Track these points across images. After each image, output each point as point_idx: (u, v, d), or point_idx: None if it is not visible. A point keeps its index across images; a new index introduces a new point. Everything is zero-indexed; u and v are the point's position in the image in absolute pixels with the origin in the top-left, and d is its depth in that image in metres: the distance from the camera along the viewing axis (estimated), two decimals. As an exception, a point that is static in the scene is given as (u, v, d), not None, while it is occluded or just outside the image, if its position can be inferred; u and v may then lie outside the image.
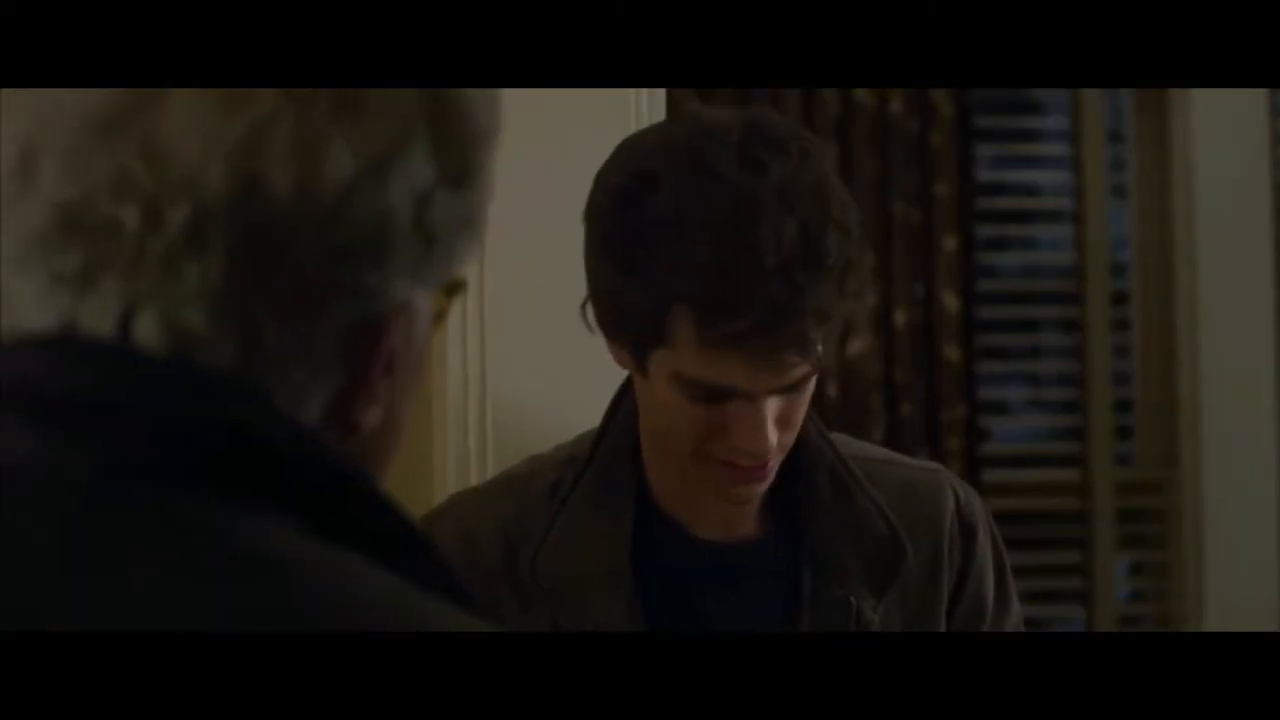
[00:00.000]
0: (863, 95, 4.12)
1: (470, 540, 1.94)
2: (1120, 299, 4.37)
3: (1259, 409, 4.24)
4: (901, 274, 4.18)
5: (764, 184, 1.75)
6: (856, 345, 4.14)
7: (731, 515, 1.94)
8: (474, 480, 2.36)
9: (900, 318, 4.18)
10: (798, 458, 1.94)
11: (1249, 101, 4.21)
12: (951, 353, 4.21)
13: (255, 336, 0.96)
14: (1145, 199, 4.36)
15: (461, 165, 1.02)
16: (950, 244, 4.21)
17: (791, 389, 1.82)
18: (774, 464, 1.86)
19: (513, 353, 2.36)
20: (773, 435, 1.82)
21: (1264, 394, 4.24)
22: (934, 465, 2.09)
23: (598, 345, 2.23)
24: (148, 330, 0.96)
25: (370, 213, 0.97)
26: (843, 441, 2.00)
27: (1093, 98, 4.31)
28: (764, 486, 1.88)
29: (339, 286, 0.97)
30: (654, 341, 1.81)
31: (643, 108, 2.31)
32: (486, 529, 1.95)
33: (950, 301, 4.20)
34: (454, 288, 1.06)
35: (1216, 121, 4.24)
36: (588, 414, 2.06)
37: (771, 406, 1.81)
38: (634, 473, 1.95)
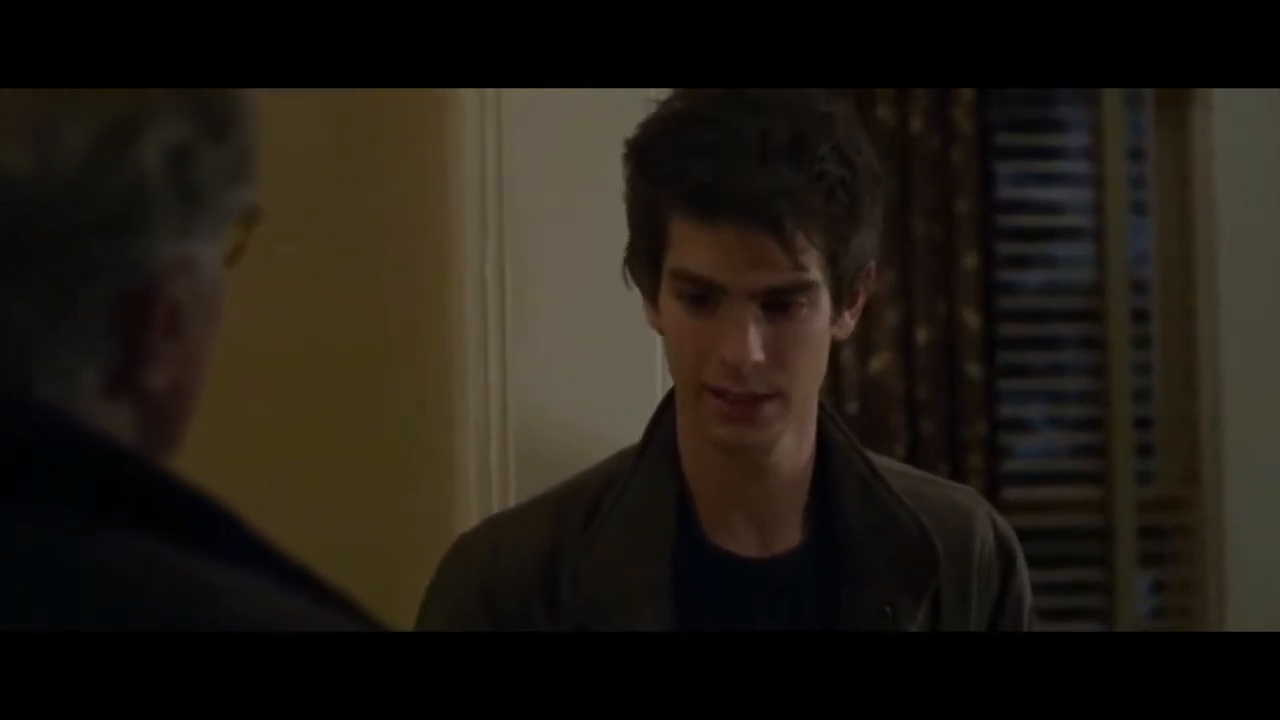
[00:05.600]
0: (883, 112, 4.13)
1: (504, 559, 1.93)
2: (1141, 316, 4.37)
3: (1280, 426, 4.24)
4: (922, 291, 4.18)
5: (775, 100, 1.84)
6: (877, 362, 4.14)
7: (770, 524, 1.94)
8: (495, 489, 2.36)
9: (921, 335, 4.18)
10: (829, 468, 1.96)
11: (1271, 117, 4.21)
12: (972, 370, 4.21)
13: (10, 324, 0.94)
14: (1166, 216, 4.36)
15: (220, 116, 0.99)
16: (971, 261, 4.21)
17: (779, 305, 1.84)
18: (768, 411, 1.86)
19: (535, 359, 2.37)
20: (755, 346, 1.82)
21: (1285, 411, 4.24)
22: (968, 488, 2.10)
23: (620, 350, 2.23)
24: None
25: (119, 179, 0.95)
26: (879, 461, 2.00)
27: (1113, 115, 4.31)
28: (758, 435, 1.87)
29: (97, 259, 0.95)
30: (658, 249, 1.86)
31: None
32: (522, 548, 1.93)
33: (971, 319, 4.20)
34: (250, 220, 1.03)
35: (1238, 137, 4.24)
36: (610, 420, 2.07)
37: (754, 314, 1.83)
38: (675, 489, 1.94)
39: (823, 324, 1.87)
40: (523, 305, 2.36)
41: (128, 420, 0.98)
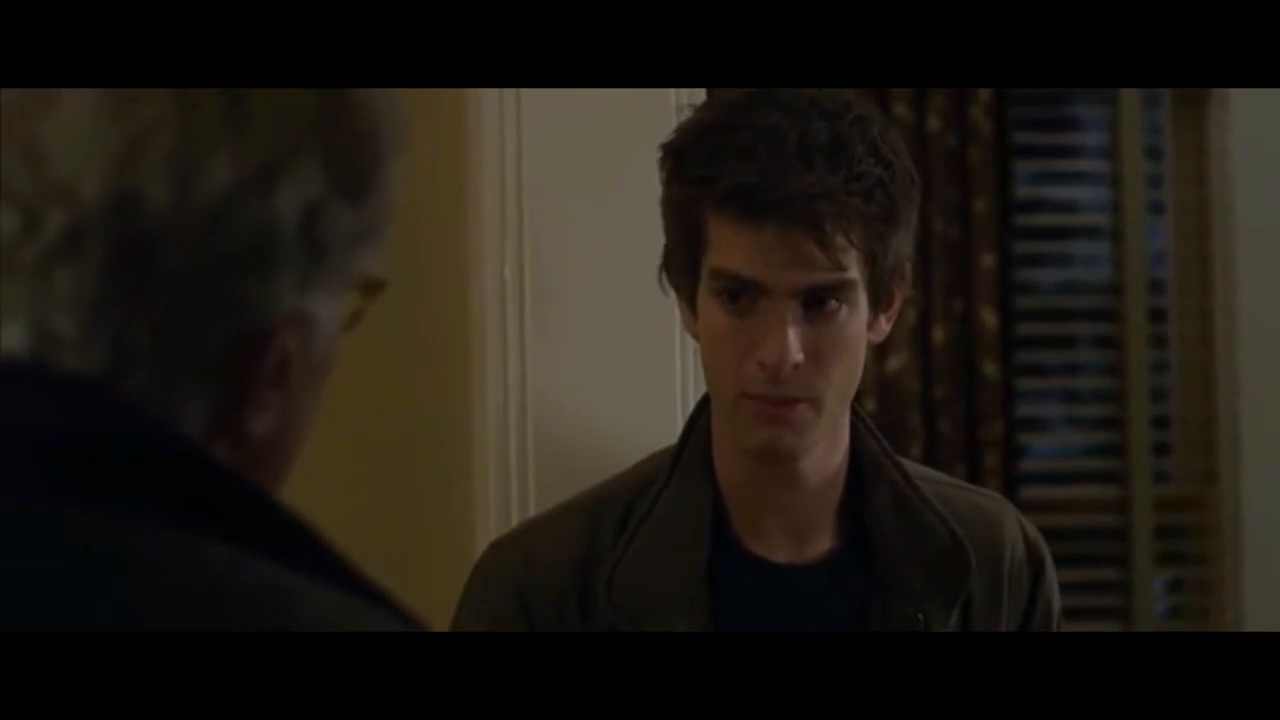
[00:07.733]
0: (901, 111, 4.13)
1: (538, 565, 1.94)
2: (1158, 315, 4.37)
3: (1298, 425, 4.24)
4: (940, 290, 4.19)
5: (810, 103, 1.85)
6: (895, 361, 4.15)
7: (803, 530, 1.95)
8: (514, 490, 2.36)
9: (938, 334, 4.19)
10: (861, 473, 1.96)
11: (1287, 117, 4.21)
12: (990, 369, 4.21)
13: (125, 344, 0.94)
14: (1183, 215, 4.37)
15: (357, 179, 1.00)
16: (988, 260, 4.21)
17: (817, 305, 1.84)
18: (803, 415, 1.86)
19: (555, 359, 2.37)
20: (795, 347, 1.82)
21: (1303, 410, 4.24)
22: (996, 494, 2.10)
23: (641, 352, 2.22)
24: (14, 336, 0.94)
25: (252, 223, 0.95)
26: (911, 467, 2.01)
27: (1130, 114, 4.32)
28: (793, 440, 1.87)
29: (218, 296, 0.95)
30: (697, 250, 1.86)
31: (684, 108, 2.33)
32: (556, 554, 1.94)
33: (988, 318, 4.21)
34: (371, 289, 1.03)
35: (1254, 136, 4.24)
36: (630, 422, 2.07)
37: (794, 314, 1.83)
38: (710, 496, 1.95)
39: (860, 327, 1.87)
40: (542, 306, 2.36)
41: (225, 462, 0.98)
